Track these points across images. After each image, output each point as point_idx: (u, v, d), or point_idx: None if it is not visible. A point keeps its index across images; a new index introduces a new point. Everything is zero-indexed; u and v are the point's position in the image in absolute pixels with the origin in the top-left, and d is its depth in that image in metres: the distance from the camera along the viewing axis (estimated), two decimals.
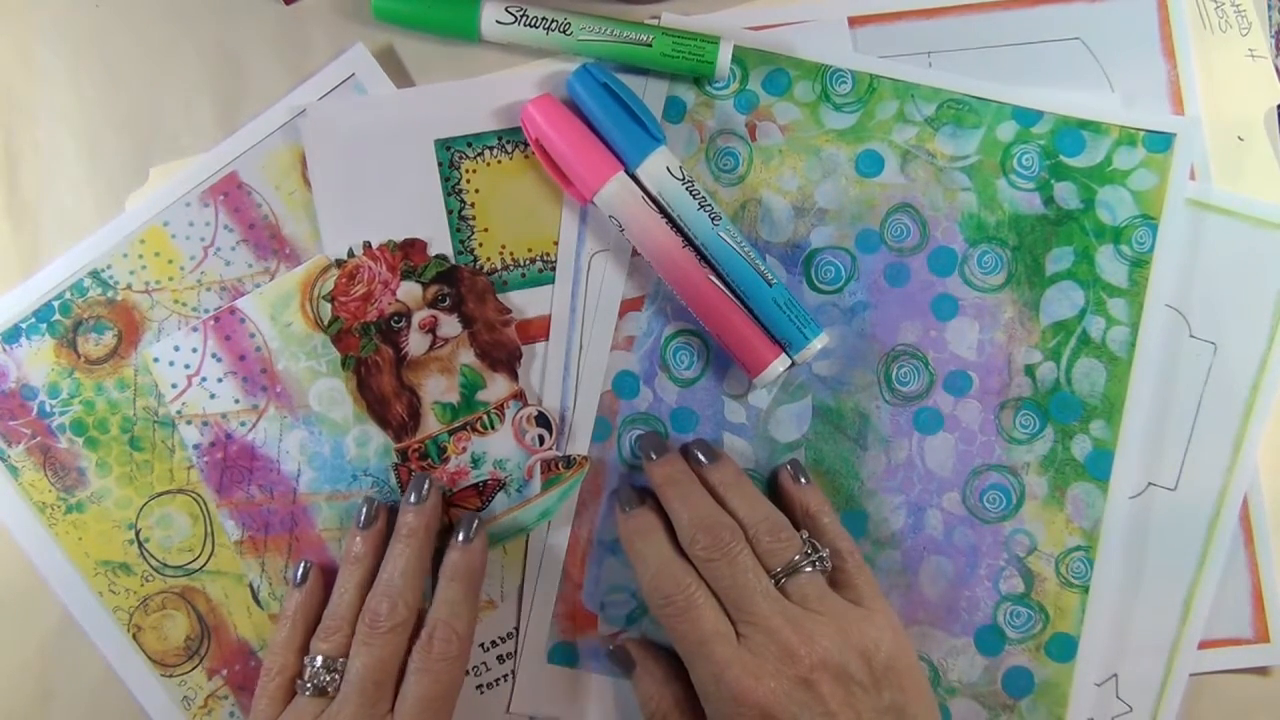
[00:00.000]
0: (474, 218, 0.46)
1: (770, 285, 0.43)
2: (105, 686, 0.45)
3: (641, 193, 0.44)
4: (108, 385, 0.45)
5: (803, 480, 0.44)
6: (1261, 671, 0.46)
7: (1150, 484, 0.45)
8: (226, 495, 0.45)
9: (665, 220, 0.43)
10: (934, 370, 0.46)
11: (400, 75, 0.47)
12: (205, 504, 0.45)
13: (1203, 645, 0.45)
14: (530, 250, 0.46)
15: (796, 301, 0.43)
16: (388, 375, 0.45)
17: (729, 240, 0.43)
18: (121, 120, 0.47)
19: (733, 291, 0.44)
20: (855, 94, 0.46)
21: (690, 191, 0.43)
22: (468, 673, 0.45)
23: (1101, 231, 0.46)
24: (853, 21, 0.47)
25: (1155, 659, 0.45)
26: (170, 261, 0.46)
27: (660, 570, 0.40)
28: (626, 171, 0.44)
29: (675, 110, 0.46)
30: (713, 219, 0.43)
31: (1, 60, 0.47)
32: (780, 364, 0.43)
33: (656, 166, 0.43)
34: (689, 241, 0.44)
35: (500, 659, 0.45)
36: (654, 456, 0.44)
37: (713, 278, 0.43)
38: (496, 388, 0.45)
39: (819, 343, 0.43)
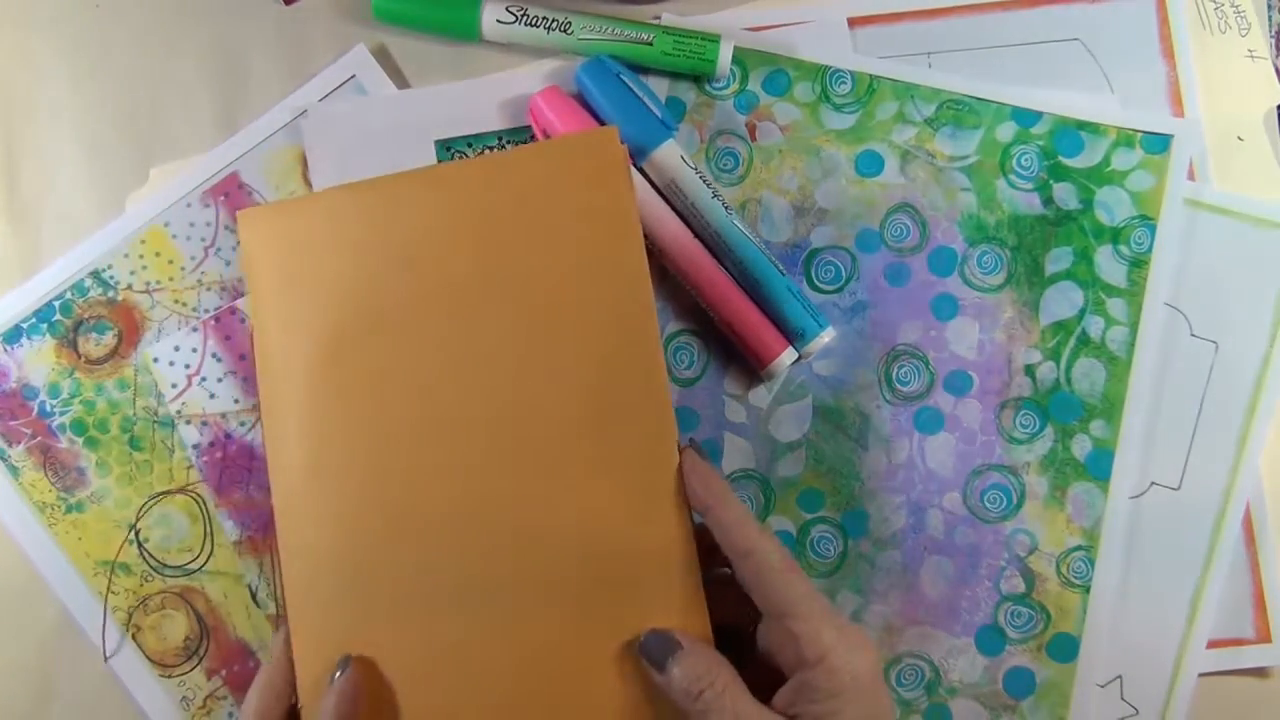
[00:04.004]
0: None
1: (783, 275, 0.43)
2: (104, 687, 0.45)
3: (650, 184, 0.44)
4: (108, 385, 0.45)
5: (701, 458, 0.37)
6: (1262, 672, 0.46)
7: (1153, 483, 0.45)
8: (226, 495, 0.45)
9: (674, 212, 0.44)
10: (934, 370, 0.46)
11: (401, 76, 0.47)
12: (205, 504, 0.45)
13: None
14: None
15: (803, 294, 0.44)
16: None
17: (742, 228, 0.43)
18: (121, 120, 0.47)
19: (743, 282, 0.44)
20: (855, 94, 0.46)
21: (703, 179, 0.44)
22: None
23: (1100, 232, 0.46)
24: (853, 22, 0.47)
25: (1161, 660, 0.45)
26: (171, 262, 0.46)
27: None
28: (634, 164, 0.44)
29: (675, 110, 0.46)
30: (725, 207, 0.43)
31: (1, 60, 0.47)
32: (788, 356, 0.43)
33: (670, 154, 0.43)
34: (699, 232, 0.44)
35: None
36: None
37: (723, 269, 0.44)
38: None
39: (826, 335, 0.43)
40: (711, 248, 0.44)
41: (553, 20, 0.44)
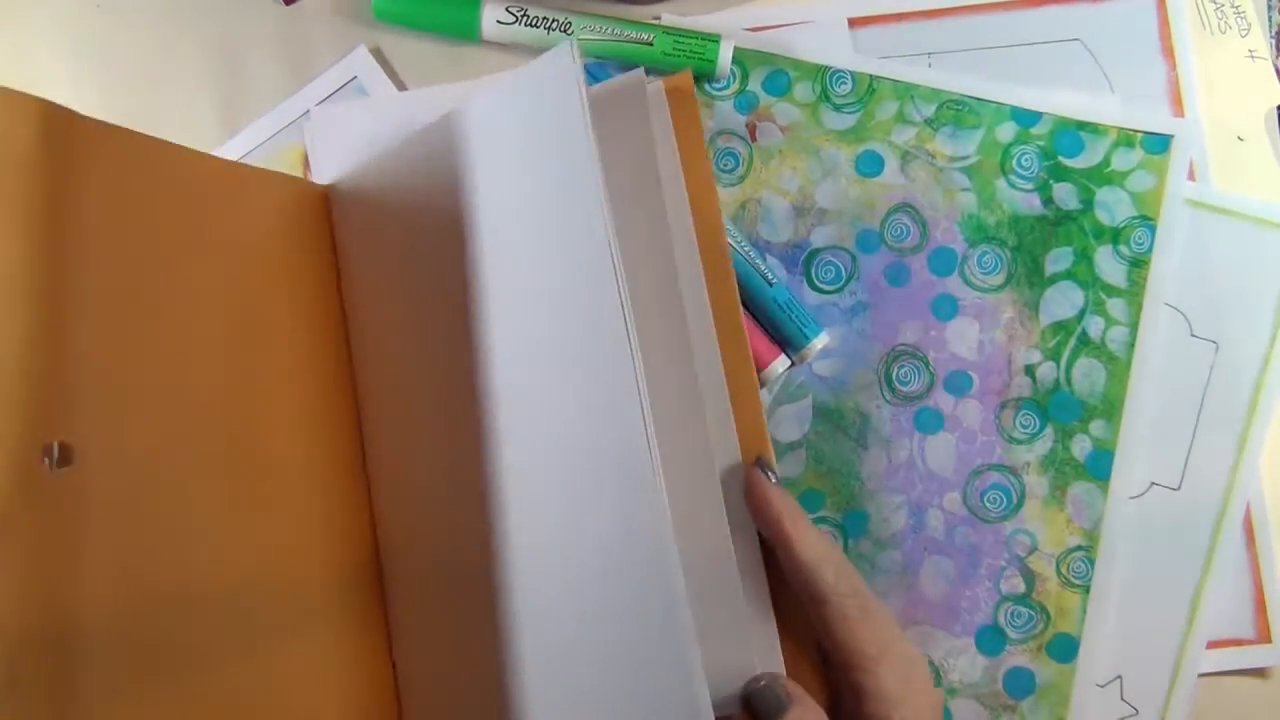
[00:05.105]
0: None
1: (770, 285, 0.43)
2: None
3: None
4: None
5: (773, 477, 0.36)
6: (1262, 672, 0.46)
7: (1153, 484, 0.45)
8: None
9: None
10: (934, 370, 0.46)
11: (401, 76, 0.47)
12: None
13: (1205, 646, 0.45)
14: None
15: (797, 301, 0.44)
16: None
17: (728, 240, 0.43)
18: (122, 120, 0.46)
19: None
20: (855, 95, 0.46)
21: None
22: None
23: (1100, 232, 0.46)
24: (853, 22, 0.47)
25: (1161, 660, 0.45)
26: None
27: None
28: None
29: None
30: None
31: (1, 60, 0.47)
32: (780, 364, 0.43)
33: None
34: None
35: None
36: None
37: None
38: None
39: (819, 342, 0.43)
40: None
41: (553, 20, 0.44)
